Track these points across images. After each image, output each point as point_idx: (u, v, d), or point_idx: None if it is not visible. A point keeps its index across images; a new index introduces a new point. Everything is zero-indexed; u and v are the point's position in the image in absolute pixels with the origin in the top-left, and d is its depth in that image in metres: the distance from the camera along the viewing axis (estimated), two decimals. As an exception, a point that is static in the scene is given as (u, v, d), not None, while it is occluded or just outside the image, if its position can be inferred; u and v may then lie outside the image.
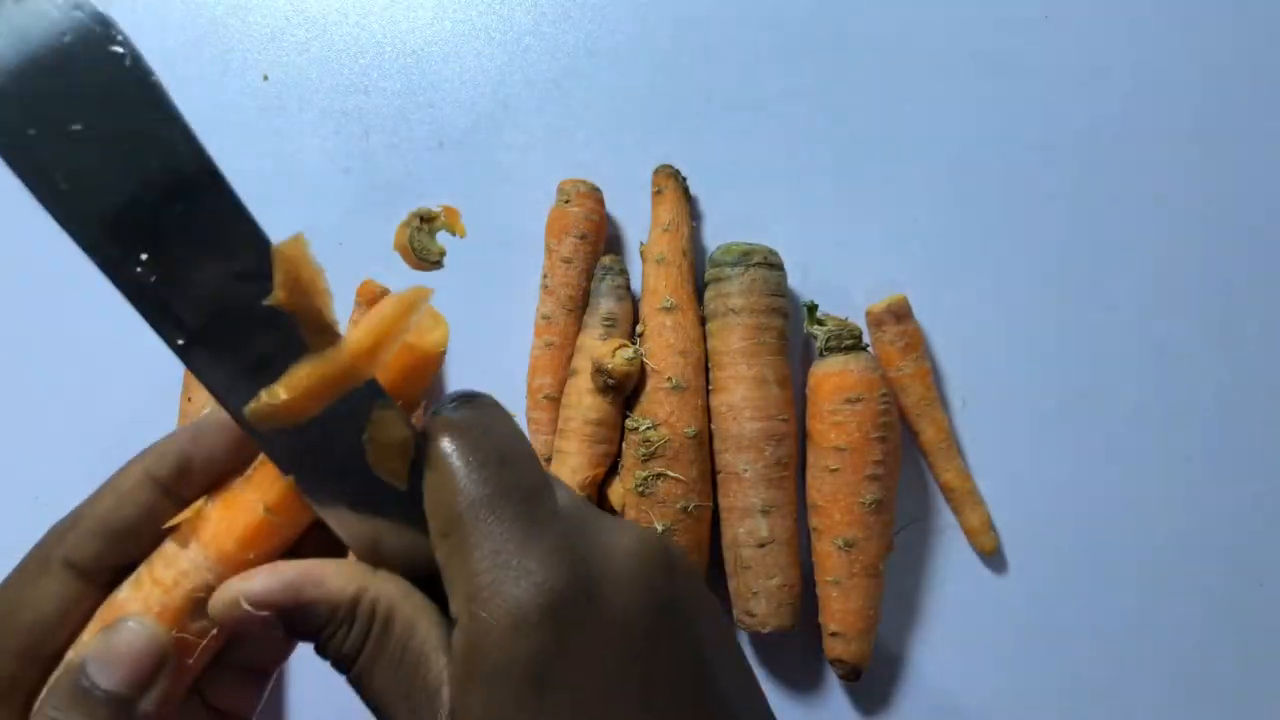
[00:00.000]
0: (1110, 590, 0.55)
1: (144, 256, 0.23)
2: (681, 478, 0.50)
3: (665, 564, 0.26)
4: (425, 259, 0.57)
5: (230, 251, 0.24)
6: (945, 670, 0.54)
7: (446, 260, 0.57)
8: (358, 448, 0.26)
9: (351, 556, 0.27)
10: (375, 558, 0.27)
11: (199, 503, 0.27)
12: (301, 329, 0.25)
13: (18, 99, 0.22)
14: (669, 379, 0.51)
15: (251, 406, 0.25)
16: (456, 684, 0.24)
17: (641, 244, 0.55)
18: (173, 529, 0.27)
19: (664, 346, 0.51)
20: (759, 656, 0.55)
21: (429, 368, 0.28)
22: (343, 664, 0.26)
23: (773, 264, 0.52)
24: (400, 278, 0.60)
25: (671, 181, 0.54)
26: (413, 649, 0.25)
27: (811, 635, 0.53)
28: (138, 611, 0.26)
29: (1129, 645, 0.54)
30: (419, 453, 0.26)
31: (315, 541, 0.28)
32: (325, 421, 0.26)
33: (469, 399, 0.28)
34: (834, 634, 0.51)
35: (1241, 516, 0.55)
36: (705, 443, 0.52)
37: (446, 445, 0.26)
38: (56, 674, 0.26)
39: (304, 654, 0.59)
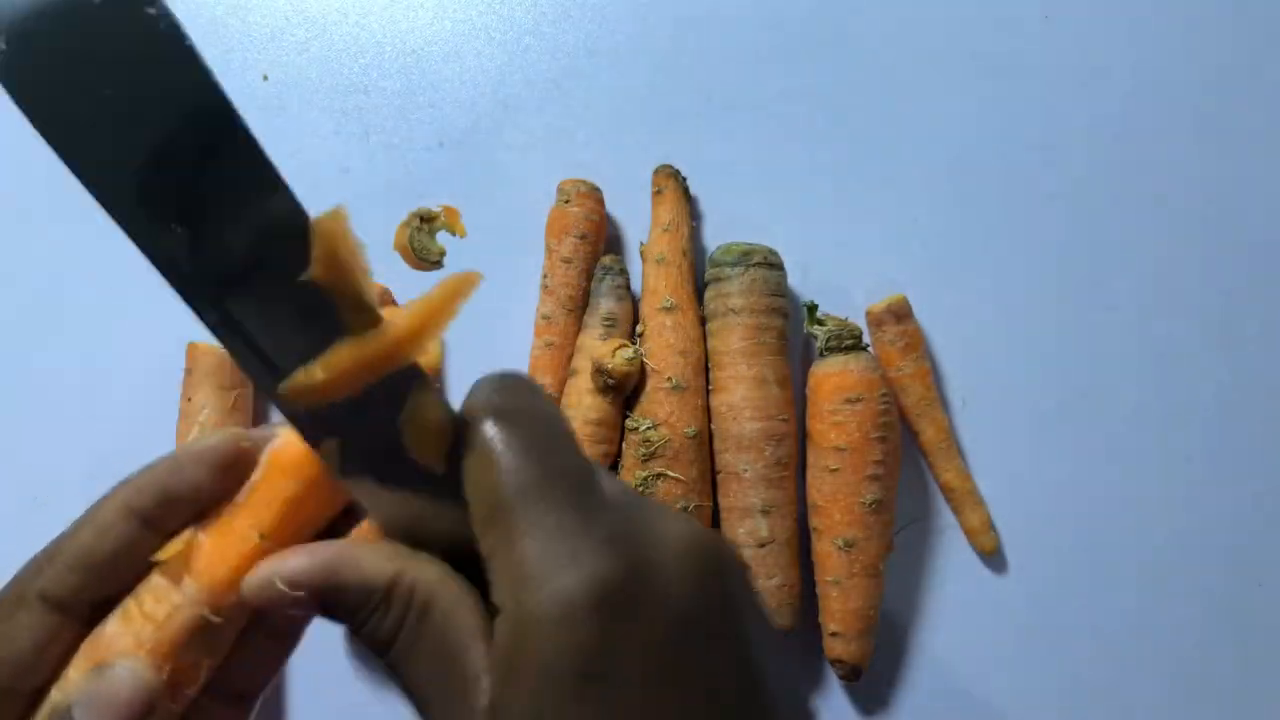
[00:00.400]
0: (1110, 590, 0.55)
1: (176, 229, 0.23)
2: (681, 478, 0.50)
3: (716, 559, 0.25)
4: (425, 259, 0.57)
5: (266, 224, 0.23)
6: (945, 670, 0.54)
7: (446, 260, 0.57)
8: (394, 429, 0.25)
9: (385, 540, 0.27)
10: (411, 540, 0.26)
11: (187, 533, 0.26)
12: (339, 307, 0.24)
13: (47, 50, 0.21)
14: (669, 379, 0.51)
15: (287, 384, 0.24)
16: (498, 675, 0.23)
17: (641, 244, 0.55)
18: (156, 562, 0.26)
19: (664, 346, 0.51)
20: (759, 656, 0.55)
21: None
22: (379, 649, 0.25)
23: (773, 264, 0.52)
24: (400, 278, 0.60)
25: (671, 181, 0.54)
26: (451, 636, 0.24)
27: (811, 635, 0.53)
28: (127, 648, 0.25)
29: (1129, 645, 0.54)
30: (458, 436, 0.25)
31: None
32: (360, 401, 0.25)
33: (509, 380, 0.27)
34: (834, 634, 0.51)
35: (1241, 516, 0.55)
36: (705, 443, 0.52)
37: (490, 429, 0.25)
38: (41, 714, 0.25)
39: (305, 656, 0.59)
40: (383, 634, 0.25)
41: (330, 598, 0.25)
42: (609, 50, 0.58)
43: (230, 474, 0.26)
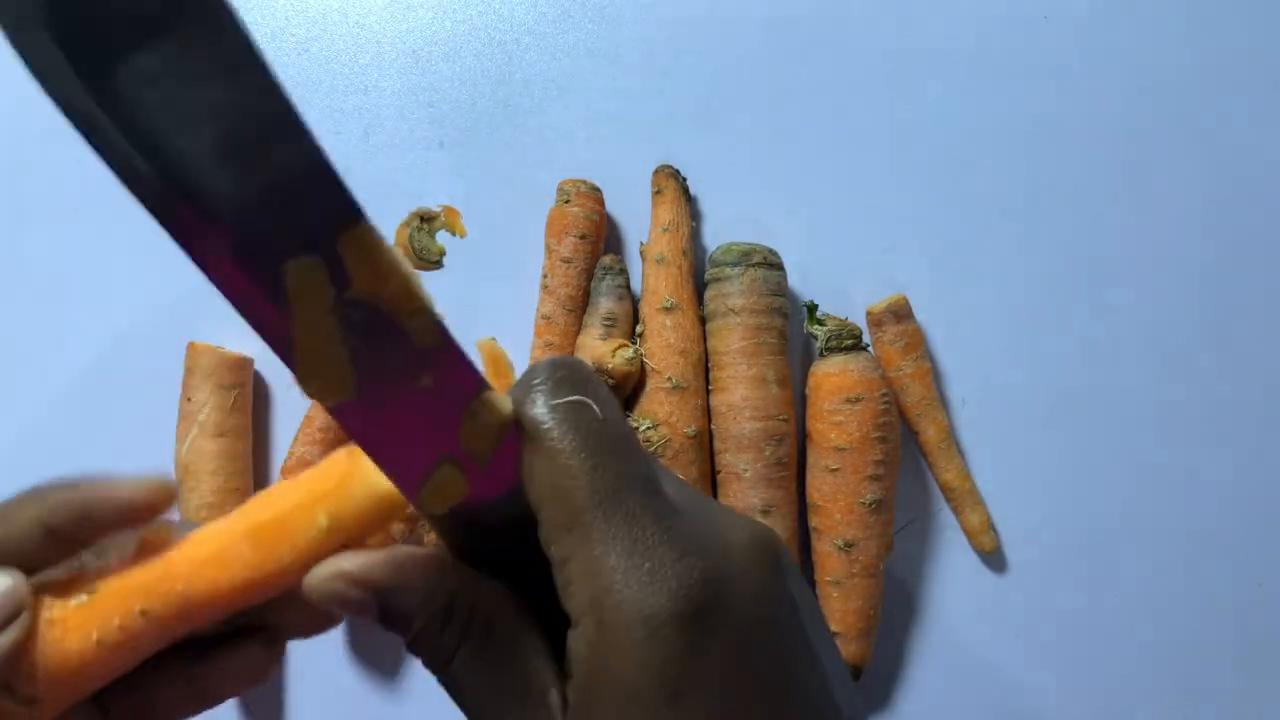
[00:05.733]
0: (1110, 590, 0.55)
1: None
2: (681, 478, 0.50)
3: (777, 558, 0.25)
4: (425, 259, 0.57)
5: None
6: (945, 670, 0.54)
7: (446, 260, 0.57)
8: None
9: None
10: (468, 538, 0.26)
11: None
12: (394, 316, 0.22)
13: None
14: (669, 379, 0.51)
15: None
16: (578, 691, 0.23)
17: (641, 244, 0.55)
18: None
19: (664, 346, 0.51)
20: (759, 656, 0.55)
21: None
22: (437, 662, 0.25)
23: (773, 264, 0.52)
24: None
25: (671, 181, 0.54)
26: (515, 655, 0.24)
27: (811, 635, 0.53)
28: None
29: (1129, 645, 0.54)
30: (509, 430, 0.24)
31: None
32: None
33: (567, 371, 0.25)
34: (834, 634, 0.51)
35: (1242, 516, 0.55)
36: (705, 443, 0.52)
37: (560, 431, 0.24)
38: None
39: (305, 656, 0.59)
40: (443, 648, 0.25)
41: (393, 604, 0.25)
42: (609, 50, 0.58)
43: (146, 514, 0.26)
